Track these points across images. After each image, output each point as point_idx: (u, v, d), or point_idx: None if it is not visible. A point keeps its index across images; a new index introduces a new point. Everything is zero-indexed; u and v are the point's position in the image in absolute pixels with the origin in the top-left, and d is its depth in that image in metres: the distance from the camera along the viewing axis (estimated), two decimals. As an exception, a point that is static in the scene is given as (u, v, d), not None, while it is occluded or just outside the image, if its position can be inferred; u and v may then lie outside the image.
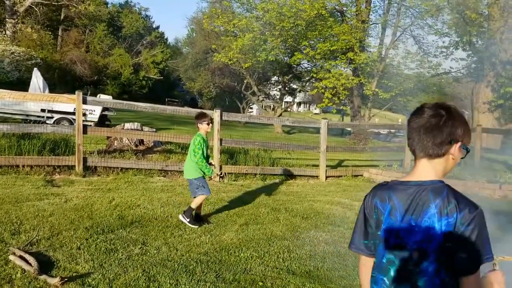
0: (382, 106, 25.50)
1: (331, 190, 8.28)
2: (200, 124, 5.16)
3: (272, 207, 6.29)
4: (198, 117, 5.21)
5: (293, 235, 4.99)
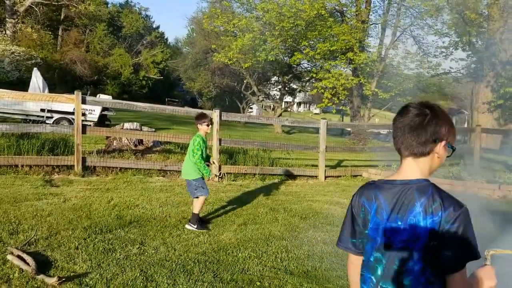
0: (381, 106, 25.47)
1: (330, 190, 8.29)
2: (199, 125, 5.15)
3: (270, 207, 6.30)
4: (198, 118, 5.20)
5: (291, 235, 4.99)
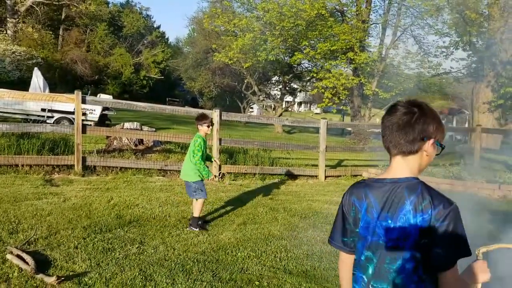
0: (382, 106, 25.42)
1: (330, 190, 8.29)
2: (200, 125, 5.11)
3: (270, 207, 6.30)
4: (199, 118, 5.17)
5: (290, 235, 5.00)
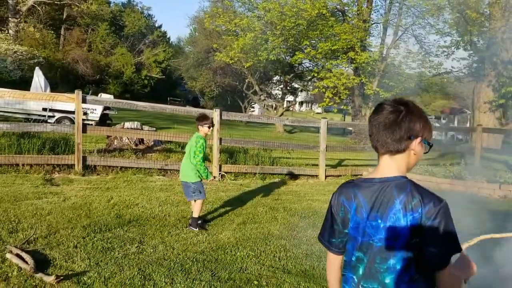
0: (383, 105, 25.41)
1: (330, 189, 8.27)
2: (201, 126, 5.07)
3: (270, 206, 6.31)
4: (200, 119, 5.11)
5: (290, 234, 5.00)
